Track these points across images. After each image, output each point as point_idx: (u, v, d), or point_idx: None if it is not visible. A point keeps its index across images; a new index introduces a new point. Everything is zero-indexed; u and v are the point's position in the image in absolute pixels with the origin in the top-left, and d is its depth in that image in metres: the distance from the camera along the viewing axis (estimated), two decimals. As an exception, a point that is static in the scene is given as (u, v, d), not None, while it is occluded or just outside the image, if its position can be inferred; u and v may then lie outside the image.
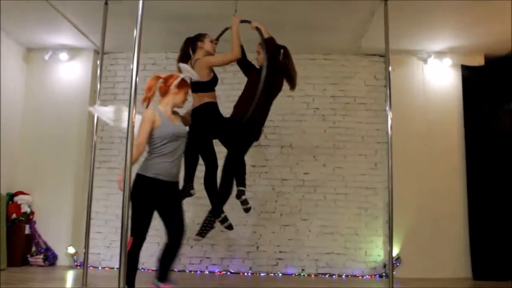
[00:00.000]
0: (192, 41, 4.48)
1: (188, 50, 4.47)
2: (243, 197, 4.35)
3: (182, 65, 4.02)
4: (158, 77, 3.77)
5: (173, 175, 3.66)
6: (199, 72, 4.13)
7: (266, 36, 4.39)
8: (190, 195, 4.40)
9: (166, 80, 3.77)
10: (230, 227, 4.51)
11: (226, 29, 4.69)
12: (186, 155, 4.09)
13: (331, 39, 6.30)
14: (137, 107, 3.01)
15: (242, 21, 4.47)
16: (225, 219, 4.46)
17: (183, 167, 4.20)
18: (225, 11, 4.69)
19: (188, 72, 3.89)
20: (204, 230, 4.40)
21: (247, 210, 4.41)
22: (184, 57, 4.44)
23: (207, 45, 4.43)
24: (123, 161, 3.13)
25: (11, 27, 6.15)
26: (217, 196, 4.39)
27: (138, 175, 3.56)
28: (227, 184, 4.37)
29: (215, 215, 4.42)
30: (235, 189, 4.38)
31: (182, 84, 3.77)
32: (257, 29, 4.42)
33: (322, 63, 6.82)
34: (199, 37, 4.47)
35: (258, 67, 4.55)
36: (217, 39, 4.70)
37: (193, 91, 4.25)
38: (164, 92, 3.77)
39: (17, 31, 6.29)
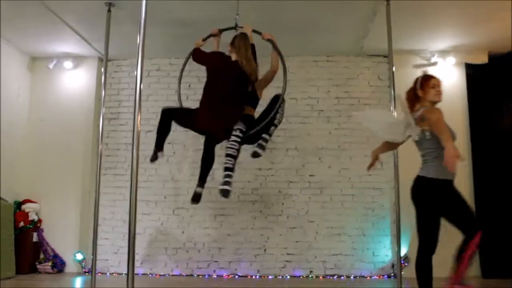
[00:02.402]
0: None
1: None
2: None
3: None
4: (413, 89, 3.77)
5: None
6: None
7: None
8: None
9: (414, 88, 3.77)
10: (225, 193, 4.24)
11: (235, 27, 4.67)
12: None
13: (333, 40, 6.30)
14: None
15: (254, 31, 4.51)
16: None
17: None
18: (227, 14, 4.69)
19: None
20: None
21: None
22: None
23: None
24: (129, 168, 3.10)
25: (14, 36, 6.19)
26: None
27: (430, 180, 3.46)
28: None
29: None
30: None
31: (426, 80, 3.70)
32: (270, 40, 4.47)
33: (325, 65, 6.81)
34: None
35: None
36: (221, 32, 4.69)
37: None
38: (414, 100, 3.76)
39: (20, 40, 6.33)
